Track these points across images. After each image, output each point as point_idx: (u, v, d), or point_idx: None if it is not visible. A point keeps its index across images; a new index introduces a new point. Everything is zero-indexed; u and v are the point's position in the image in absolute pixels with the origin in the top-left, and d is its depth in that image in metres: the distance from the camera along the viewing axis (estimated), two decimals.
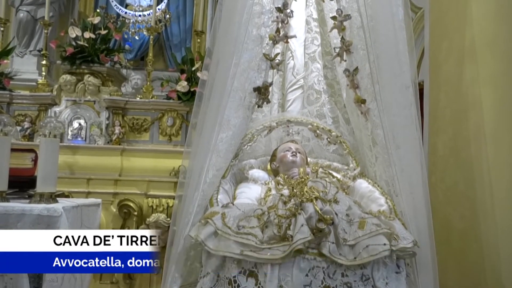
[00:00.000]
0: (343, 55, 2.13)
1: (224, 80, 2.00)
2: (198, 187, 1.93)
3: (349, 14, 2.09)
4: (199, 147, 2.03)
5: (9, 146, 1.97)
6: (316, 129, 2.32)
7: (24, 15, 4.61)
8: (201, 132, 2.07)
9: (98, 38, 3.82)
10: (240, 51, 2.01)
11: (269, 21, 2.04)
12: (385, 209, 1.91)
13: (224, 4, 2.25)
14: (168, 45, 5.28)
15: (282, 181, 2.05)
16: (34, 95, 3.74)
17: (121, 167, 3.64)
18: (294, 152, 2.25)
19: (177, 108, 3.83)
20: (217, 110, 1.98)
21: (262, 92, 2.02)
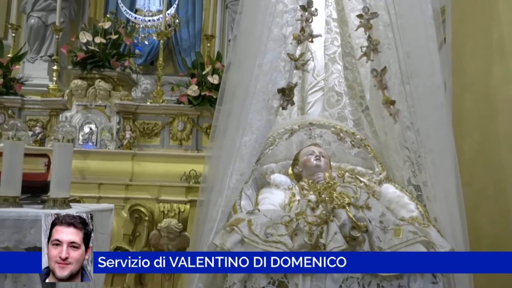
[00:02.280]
0: (370, 54, 2.05)
1: (247, 82, 1.95)
2: (221, 193, 1.88)
3: (376, 12, 2.02)
4: (222, 151, 1.98)
5: (22, 151, 1.95)
6: (340, 132, 2.26)
7: (35, 21, 4.63)
8: (224, 135, 2.01)
9: (109, 43, 3.82)
10: (263, 51, 1.96)
11: (293, 20, 1.99)
12: (417, 215, 1.85)
13: (245, 4, 2.20)
14: (178, 50, 5.28)
15: (306, 186, 1.99)
16: (46, 100, 3.75)
17: (132, 172, 3.62)
18: (318, 156, 2.19)
19: (188, 113, 3.82)
20: (240, 113, 1.93)
21: (286, 93, 1.96)
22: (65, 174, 1.95)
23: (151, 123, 3.84)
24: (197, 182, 3.59)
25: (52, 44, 4.76)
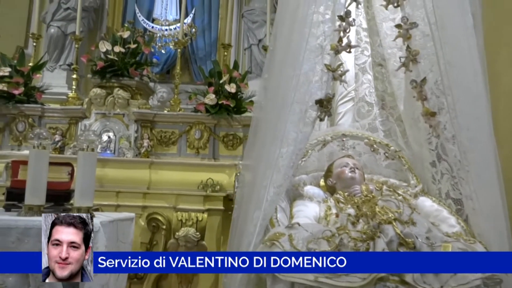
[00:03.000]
0: (409, 65, 2.01)
1: (283, 93, 1.94)
2: (259, 206, 1.85)
3: (415, 22, 1.98)
4: (258, 162, 1.97)
5: (47, 160, 1.96)
6: (373, 143, 2.22)
7: (55, 31, 4.70)
8: (260, 146, 1.99)
9: (128, 52, 3.86)
10: (299, 62, 1.94)
11: (330, 30, 1.97)
12: (459, 230, 1.80)
13: (281, 16, 2.19)
14: (194, 59, 5.30)
15: (342, 199, 1.96)
16: (65, 108, 3.79)
17: (150, 180, 3.63)
18: (353, 168, 2.15)
19: (205, 121, 3.83)
20: (276, 124, 1.92)
21: (324, 105, 1.94)
22: (89, 183, 1.96)
23: (169, 131, 3.85)
24: (214, 190, 3.59)
25: (71, 53, 4.82)
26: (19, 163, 2.14)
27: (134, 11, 5.15)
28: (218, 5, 5.36)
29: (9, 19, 4.44)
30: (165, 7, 5.10)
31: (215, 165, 3.76)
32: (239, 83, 3.92)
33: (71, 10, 4.74)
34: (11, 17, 4.61)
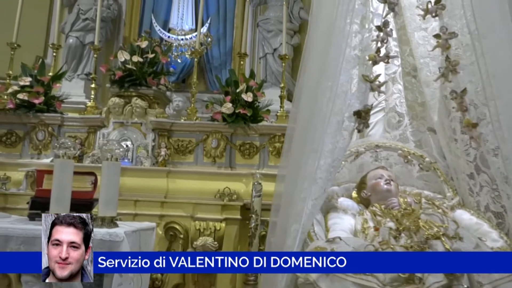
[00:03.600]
0: (449, 75, 1.98)
1: (320, 104, 1.93)
2: (298, 219, 1.83)
3: (454, 32, 1.96)
4: (295, 174, 1.95)
5: (72, 169, 1.98)
6: (407, 154, 2.20)
7: (73, 41, 4.78)
8: (297, 158, 1.97)
9: (146, 62, 3.90)
10: (336, 73, 1.94)
11: (367, 41, 1.96)
12: (503, 245, 1.76)
13: (316, 26, 2.18)
14: (209, 68, 5.34)
15: (379, 212, 1.94)
16: (84, 117, 3.83)
17: (167, 189, 3.64)
18: (388, 180, 2.13)
19: (222, 130, 3.83)
20: (313, 135, 1.91)
21: (362, 116, 1.93)
22: (113, 192, 1.97)
23: (186, 140, 3.87)
24: (231, 200, 3.58)
25: (89, 63, 4.90)
26: (44, 172, 2.16)
27: (151, 21, 5.22)
28: (233, 15, 5.40)
29: (29, 30, 4.51)
30: (181, 17, 5.16)
31: (232, 174, 3.76)
32: (255, 92, 3.93)
33: (89, 20, 4.82)
34: (31, 28, 4.68)
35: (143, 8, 5.31)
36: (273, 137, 3.84)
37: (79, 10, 4.83)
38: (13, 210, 3.00)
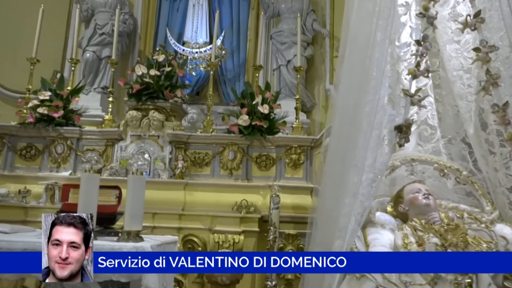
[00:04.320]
0: (489, 88, 1.97)
1: (360, 119, 1.93)
2: (341, 235, 1.82)
3: (494, 45, 1.95)
4: (335, 189, 1.95)
5: (98, 184, 1.99)
6: (444, 168, 2.18)
7: (90, 55, 4.85)
8: (338, 173, 1.95)
9: (162, 75, 3.94)
10: (374, 87, 1.94)
11: (406, 55, 1.96)
12: None
13: (352, 39, 2.17)
14: (223, 80, 5.36)
15: (420, 227, 1.91)
16: (102, 130, 3.87)
17: (184, 202, 3.64)
18: (426, 194, 2.10)
19: (238, 142, 3.85)
20: (353, 150, 1.91)
21: (403, 130, 1.92)
22: (139, 206, 1.98)
23: (202, 152, 3.89)
24: (249, 212, 3.58)
25: (105, 77, 4.95)
26: (70, 186, 2.17)
27: (166, 34, 5.27)
28: (246, 28, 5.44)
29: (46, 45, 4.58)
30: (195, 30, 5.21)
31: (249, 186, 3.76)
32: (271, 104, 3.94)
33: (105, 35, 4.89)
34: (48, 43, 4.75)
35: (158, 22, 5.37)
36: (290, 148, 3.85)
37: (96, 25, 4.90)
38: (33, 223, 3.01)
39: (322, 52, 5.36)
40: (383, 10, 1.87)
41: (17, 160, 3.82)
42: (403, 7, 1.97)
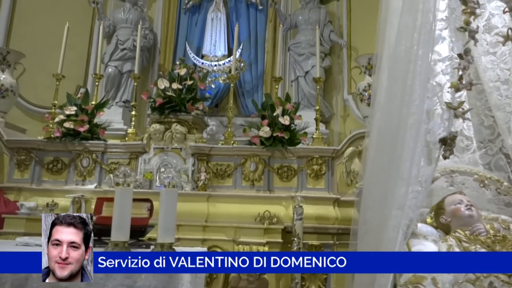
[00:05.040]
0: None
1: (403, 132, 1.95)
2: (390, 248, 1.82)
3: None
4: (382, 202, 1.96)
5: (131, 197, 2.03)
6: (484, 179, 2.18)
7: (112, 70, 4.97)
8: (384, 186, 1.96)
9: (184, 88, 4.01)
10: (418, 100, 1.96)
11: (448, 68, 1.99)
12: None
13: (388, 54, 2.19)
14: (241, 92, 5.43)
15: (465, 238, 1.91)
16: (126, 144, 3.94)
17: (208, 213, 3.67)
18: (468, 206, 2.10)
19: (260, 153, 3.87)
20: (399, 163, 1.92)
21: (448, 143, 1.94)
22: (171, 219, 2.01)
23: (224, 164, 3.92)
24: (272, 223, 3.58)
25: (127, 91, 5.07)
26: (103, 200, 2.22)
27: (185, 48, 5.37)
28: (263, 40, 5.52)
29: (69, 61, 4.71)
30: (214, 44, 5.30)
31: (272, 197, 3.78)
32: (292, 115, 3.97)
33: (127, 50, 5.02)
34: (71, 59, 4.88)
35: (177, 36, 5.49)
36: (311, 159, 3.85)
37: (118, 41, 5.03)
38: None
39: (339, 63, 5.40)
40: (424, 25, 1.89)
41: (44, 174, 3.91)
42: (443, 21, 1.99)
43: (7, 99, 4.15)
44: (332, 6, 5.46)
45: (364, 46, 5.06)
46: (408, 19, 1.90)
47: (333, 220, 3.68)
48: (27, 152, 3.88)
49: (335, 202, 3.76)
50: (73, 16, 4.92)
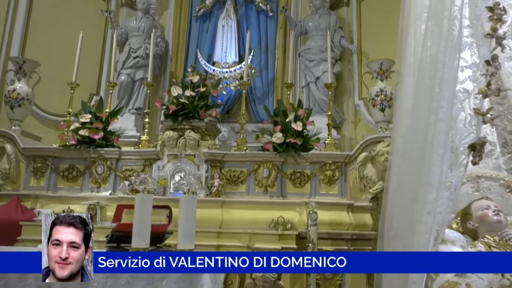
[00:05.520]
0: None
1: (431, 138, 1.96)
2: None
3: None
4: (410, 208, 1.97)
5: (151, 204, 2.06)
6: (510, 184, 2.18)
7: (125, 78, 5.03)
8: (412, 193, 1.97)
9: (197, 95, 4.04)
10: (446, 107, 1.97)
11: (475, 75, 2.00)
12: None
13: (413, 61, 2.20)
14: (252, 98, 5.45)
15: (494, 244, 1.91)
16: (140, 151, 3.97)
17: (222, 219, 3.68)
18: (496, 211, 2.10)
19: (272, 159, 3.88)
20: (428, 169, 1.93)
21: (477, 149, 1.95)
22: (191, 225, 2.03)
23: (237, 170, 3.93)
24: (286, 229, 3.58)
25: (139, 98, 5.11)
26: (123, 207, 2.25)
27: (196, 55, 5.41)
28: (274, 46, 5.54)
29: (82, 69, 4.77)
30: (225, 51, 5.34)
31: (285, 203, 3.78)
32: (305, 121, 3.98)
33: (139, 58, 5.08)
34: (84, 67, 4.94)
35: (188, 44, 5.54)
36: (324, 165, 3.86)
37: (130, 49, 5.09)
38: None
39: (350, 68, 5.41)
40: (450, 32, 1.91)
41: (60, 181, 3.95)
42: (470, 28, 2.00)
43: (23, 108, 4.21)
44: (342, 12, 5.48)
45: (375, 51, 5.08)
46: (434, 26, 1.91)
47: (347, 225, 3.68)
48: (43, 159, 3.93)
49: (349, 208, 3.76)
50: (85, 25, 4.99)
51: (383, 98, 4.06)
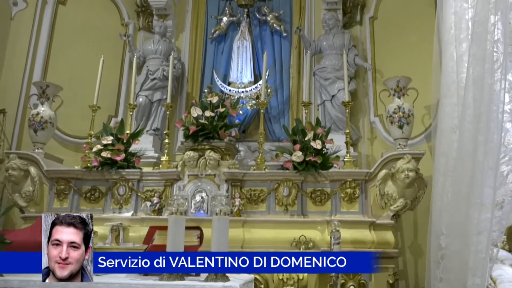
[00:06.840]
0: None
1: (479, 157, 1.98)
2: (477, 274, 1.84)
3: None
4: (464, 228, 1.98)
5: (184, 225, 2.08)
6: None
7: (143, 99, 5.12)
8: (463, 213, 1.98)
9: (216, 116, 4.10)
10: (494, 128, 1.98)
11: None
12: None
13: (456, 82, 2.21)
14: (268, 117, 5.49)
15: None
16: (161, 171, 4.02)
17: (243, 239, 3.69)
18: None
19: (292, 178, 3.90)
20: (479, 189, 1.94)
21: None
22: (224, 246, 2.04)
23: (257, 189, 3.95)
24: (307, 248, 3.57)
25: (157, 119, 5.18)
26: (156, 228, 2.27)
27: (212, 76, 5.50)
28: (289, 65, 5.61)
29: (101, 91, 4.86)
30: (240, 71, 5.41)
31: (306, 222, 3.78)
32: (324, 139, 4.00)
33: (157, 80, 5.17)
34: (103, 89, 5.05)
35: (204, 65, 5.63)
36: (344, 183, 3.86)
37: (148, 71, 5.19)
38: None
39: (364, 85, 5.45)
40: (493, 54, 1.94)
41: (82, 203, 4.00)
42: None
43: (46, 131, 4.29)
44: (355, 31, 5.55)
45: (389, 68, 5.12)
46: (476, 49, 1.95)
47: (370, 244, 3.65)
48: (66, 181, 3.99)
49: (371, 226, 3.74)
50: (104, 48, 5.12)
51: (401, 115, 4.07)
